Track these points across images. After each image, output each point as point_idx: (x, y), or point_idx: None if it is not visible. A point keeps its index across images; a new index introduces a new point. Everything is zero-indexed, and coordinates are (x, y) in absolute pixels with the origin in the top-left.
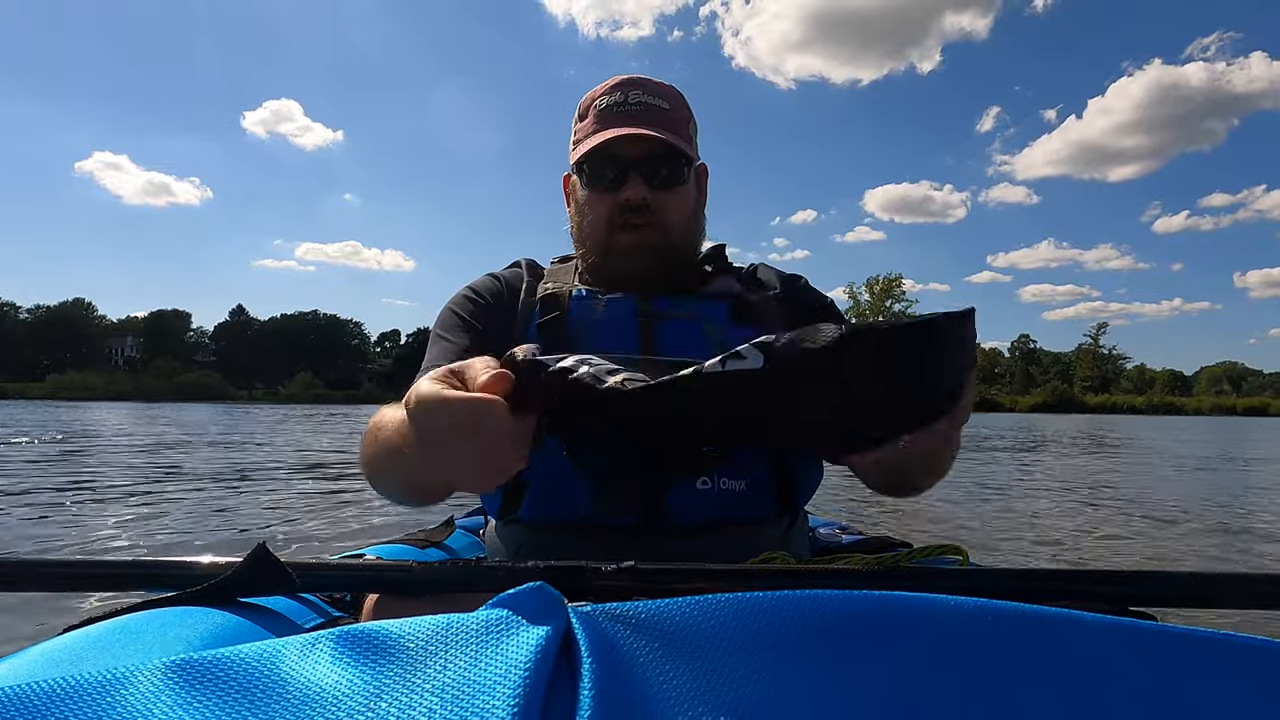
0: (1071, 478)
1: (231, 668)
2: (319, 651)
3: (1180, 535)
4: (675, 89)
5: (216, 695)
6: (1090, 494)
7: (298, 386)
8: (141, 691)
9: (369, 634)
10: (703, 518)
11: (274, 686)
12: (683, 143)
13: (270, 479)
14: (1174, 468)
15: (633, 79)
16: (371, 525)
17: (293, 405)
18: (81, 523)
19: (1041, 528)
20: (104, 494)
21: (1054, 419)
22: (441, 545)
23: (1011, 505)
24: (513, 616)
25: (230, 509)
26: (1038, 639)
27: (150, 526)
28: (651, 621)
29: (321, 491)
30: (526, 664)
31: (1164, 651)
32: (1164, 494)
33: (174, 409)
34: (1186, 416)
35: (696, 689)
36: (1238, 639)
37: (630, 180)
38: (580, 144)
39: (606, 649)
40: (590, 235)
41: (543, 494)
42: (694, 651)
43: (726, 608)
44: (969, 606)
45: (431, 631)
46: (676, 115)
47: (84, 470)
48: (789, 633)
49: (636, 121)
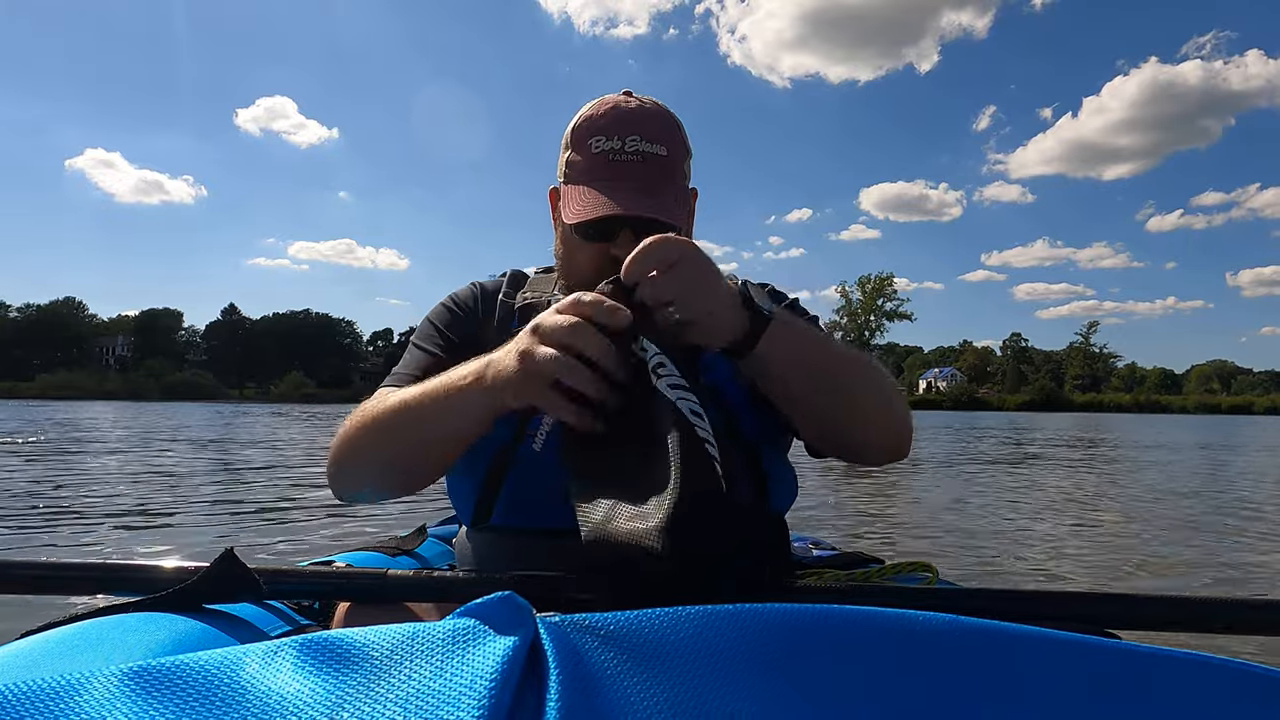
0: (1029, 487)
1: (191, 675)
2: (281, 659)
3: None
4: (672, 117)
5: (175, 702)
6: (1059, 508)
7: (288, 386)
8: (98, 698)
9: (332, 642)
10: None
11: (234, 694)
12: (675, 207)
13: (241, 482)
14: (1130, 466)
15: (629, 115)
16: (342, 532)
17: (281, 405)
18: (46, 524)
19: (1017, 548)
20: (72, 495)
21: (1040, 417)
22: (413, 553)
23: (990, 523)
24: (480, 626)
25: (199, 512)
26: (1004, 656)
27: (116, 528)
28: (620, 633)
29: (291, 497)
30: (492, 674)
31: (1132, 670)
32: (1121, 497)
33: (163, 409)
34: (1172, 415)
35: (664, 701)
36: (1206, 659)
37: (621, 236)
38: (572, 187)
39: (574, 660)
40: (578, 275)
41: (516, 501)
42: (662, 664)
43: (696, 620)
44: (936, 622)
45: (396, 640)
46: (673, 159)
47: (55, 470)
48: (757, 646)
49: (633, 177)
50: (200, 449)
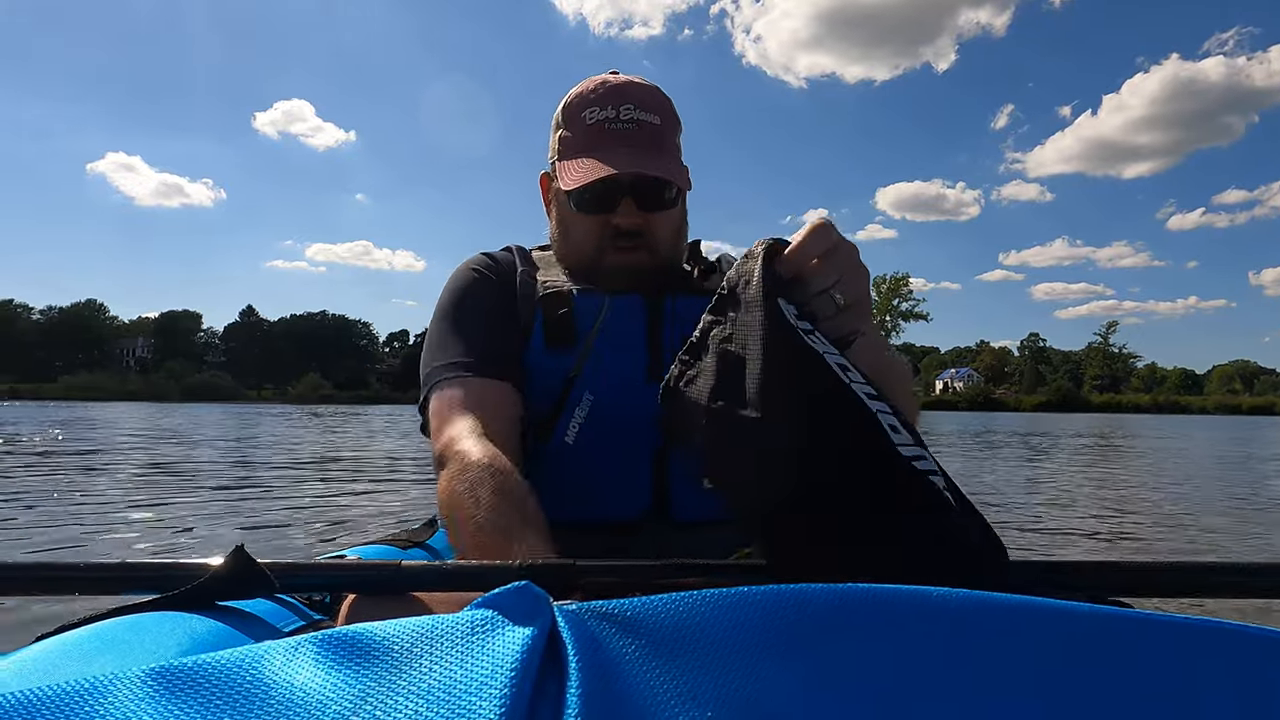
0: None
1: (214, 674)
2: (302, 656)
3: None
4: (662, 92)
5: (199, 703)
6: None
7: (305, 387)
8: (123, 700)
9: (352, 637)
10: (704, 515)
11: (258, 692)
12: (674, 167)
13: (253, 480)
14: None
15: (621, 86)
16: (353, 526)
17: (298, 405)
18: (60, 524)
19: (1030, 522)
20: (86, 495)
21: (1057, 418)
22: (424, 545)
23: (1003, 501)
24: (497, 616)
25: (212, 510)
26: (1023, 628)
27: (130, 527)
28: (639, 619)
29: (303, 493)
30: (512, 665)
31: (1146, 638)
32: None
33: (182, 409)
34: (1191, 415)
35: (685, 686)
36: (1221, 625)
37: (622, 205)
38: (567, 161)
39: (593, 648)
40: (575, 251)
41: (544, 494)
42: (682, 648)
43: (714, 603)
44: (954, 598)
45: (416, 633)
46: (667, 128)
47: (69, 470)
48: (777, 628)
49: (630, 143)
50: (216, 448)
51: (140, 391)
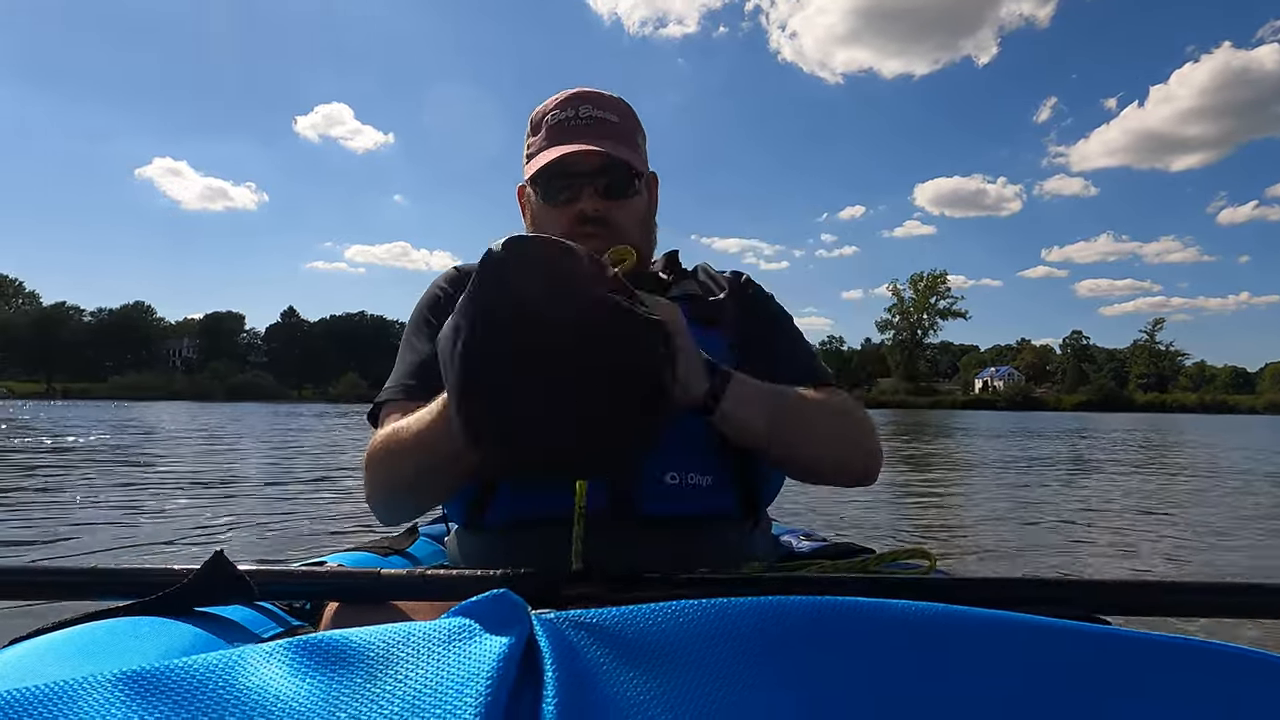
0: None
1: (187, 679)
2: (276, 661)
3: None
4: (624, 101)
5: (170, 707)
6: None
7: (345, 386)
8: (94, 703)
9: (328, 643)
10: (670, 512)
11: (230, 698)
12: (632, 154)
13: (238, 484)
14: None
15: (583, 93)
16: (332, 533)
17: (335, 404)
18: (40, 526)
19: (1010, 535)
20: (65, 496)
21: (1098, 417)
22: (404, 553)
23: (988, 514)
24: (474, 625)
25: (192, 514)
26: (1000, 644)
27: (109, 530)
28: (615, 629)
29: (283, 498)
30: (489, 673)
31: (1124, 655)
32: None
33: (224, 409)
34: (1240, 415)
35: (660, 696)
36: (1197, 644)
37: (584, 194)
38: (534, 159)
39: (570, 657)
40: None
41: (512, 500)
42: (658, 658)
43: (689, 614)
44: (931, 613)
45: (392, 641)
46: (625, 127)
47: (49, 473)
48: (752, 639)
49: (587, 136)
50: (205, 452)
51: (185, 391)
